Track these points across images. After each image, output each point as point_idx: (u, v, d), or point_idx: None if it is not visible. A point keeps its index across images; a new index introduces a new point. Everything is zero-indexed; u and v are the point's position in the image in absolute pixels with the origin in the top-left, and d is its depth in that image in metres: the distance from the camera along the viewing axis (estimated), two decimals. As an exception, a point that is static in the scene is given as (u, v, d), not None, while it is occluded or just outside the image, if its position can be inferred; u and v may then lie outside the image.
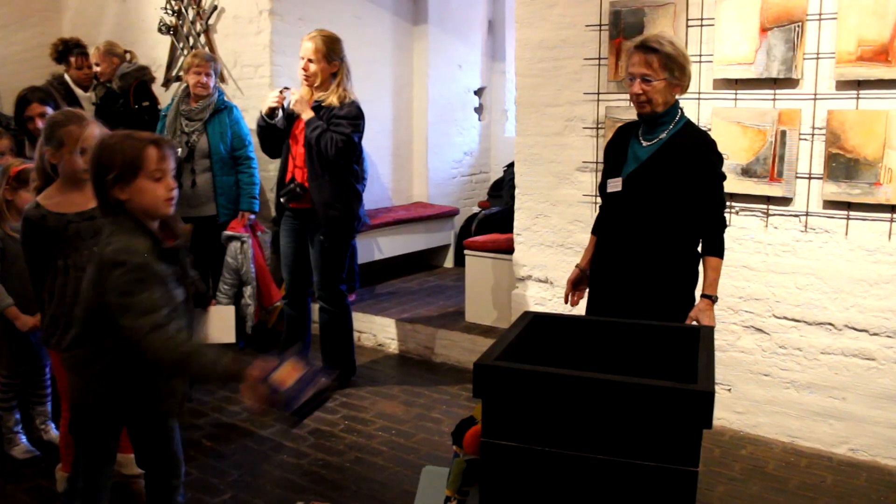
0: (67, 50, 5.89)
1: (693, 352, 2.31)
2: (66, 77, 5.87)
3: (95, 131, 2.88)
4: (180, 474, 2.63)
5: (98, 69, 5.57)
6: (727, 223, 3.00)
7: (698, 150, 2.92)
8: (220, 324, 3.63)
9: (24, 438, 3.73)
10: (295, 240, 4.43)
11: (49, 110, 4.33)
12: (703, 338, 2.35)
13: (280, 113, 4.29)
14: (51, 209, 2.83)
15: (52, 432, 3.79)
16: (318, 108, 4.23)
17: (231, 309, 3.69)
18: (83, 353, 2.35)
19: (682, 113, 3.01)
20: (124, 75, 5.53)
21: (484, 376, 2.02)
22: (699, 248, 2.99)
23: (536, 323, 2.46)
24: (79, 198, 2.87)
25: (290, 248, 4.46)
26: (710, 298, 2.91)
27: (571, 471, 2.01)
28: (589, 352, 2.45)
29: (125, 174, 2.25)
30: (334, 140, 4.09)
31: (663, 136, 2.96)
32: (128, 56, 5.71)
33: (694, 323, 2.84)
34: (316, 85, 4.25)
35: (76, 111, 3.01)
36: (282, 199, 4.35)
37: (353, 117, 4.21)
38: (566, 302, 3.32)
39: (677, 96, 2.97)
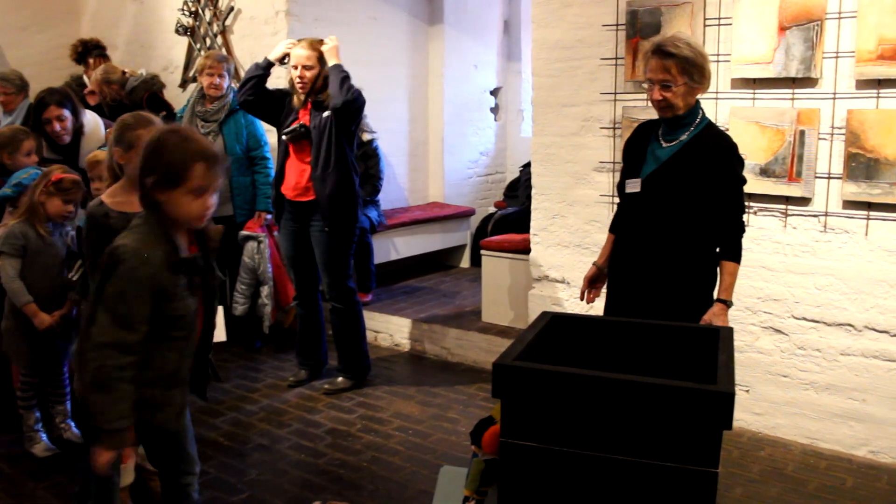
0: (87, 51, 5.94)
1: (712, 352, 2.30)
2: (85, 78, 5.91)
3: None
4: (194, 472, 2.62)
5: (97, 97, 5.55)
6: (745, 227, 2.97)
7: (720, 153, 2.89)
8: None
9: (44, 437, 3.76)
10: (295, 242, 4.44)
11: (66, 113, 4.35)
12: (722, 338, 2.34)
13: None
14: (114, 208, 2.89)
15: (73, 430, 3.81)
16: (319, 103, 4.24)
17: (219, 309, 3.71)
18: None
19: (704, 114, 2.98)
20: (133, 90, 5.52)
21: (503, 376, 2.02)
22: (717, 251, 2.97)
23: (555, 323, 2.45)
24: None
25: (292, 251, 4.47)
26: (725, 303, 2.88)
27: (590, 471, 2.01)
28: (607, 352, 2.44)
29: (166, 182, 2.21)
30: (355, 90, 4.14)
31: (684, 137, 2.93)
32: (126, 74, 5.66)
33: None
34: (310, 90, 4.25)
35: (147, 115, 3.02)
36: (284, 137, 4.31)
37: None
38: (582, 299, 3.31)
39: (699, 96, 2.94)
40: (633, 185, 2.98)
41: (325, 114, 4.18)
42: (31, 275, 3.59)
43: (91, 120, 4.54)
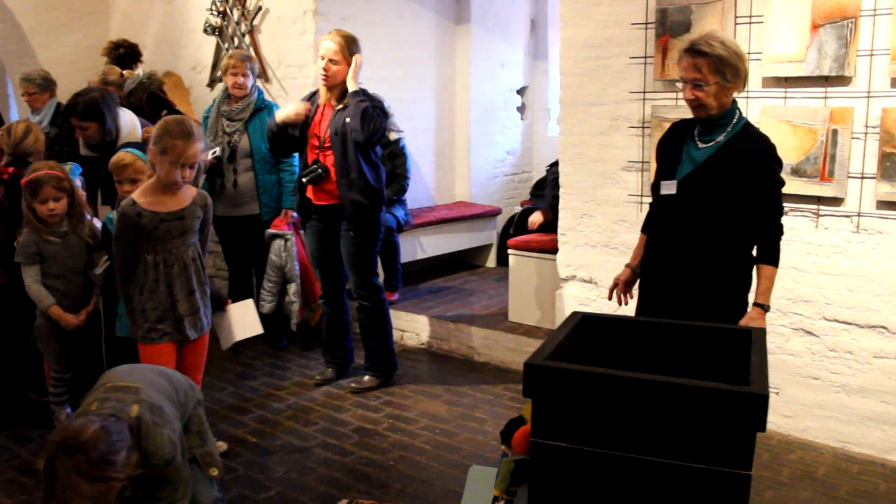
0: (126, 57, 5.98)
1: (744, 354, 2.28)
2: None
3: (200, 148, 2.97)
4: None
5: None
6: (783, 230, 2.92)
7: (758, 155, 2.84)
8: (243, 319, 3.69)
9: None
10: (321, 242, 4.45)
11: (88, 125, 4.35)
12: (754, 339, 2.32)
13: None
14: (146, 207, 2.93)
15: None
16: (342, 104, 4.24)
17: (249, 302, 3.73)
18: None
19: (741, 114, 2.94)
20: (130, 93, 5.54)
21: (534, 376, 2.01)
22: (754, 254, 2.93)
23: (585, 323, 2.44)
24: (171, 199, 3.02)
25: (319, 251, 4.48)
26: (763, 307, 2.84)
27: (621, 472, 1.99)
28: (638, 353, 2.42)
29: None
30: (377, 116, 4.13)
31: (721, 138, 2.89)
32: (124, 76, 5.68)
33: None
34: (334, 85, 4.25)
35: (189, 125, 3.04)
36: (304, 180, 4.32)
37: (382, 108, 4.25)
38: (610, 299, 3.28)
39: (735, 95, 2.90)
40: (669, 187, 2.94)
41: (349, 119, 4.17)
42: (53, 277, 3.64)
43: (129, 121, 4.57)
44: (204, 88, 6.47)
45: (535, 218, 5.18)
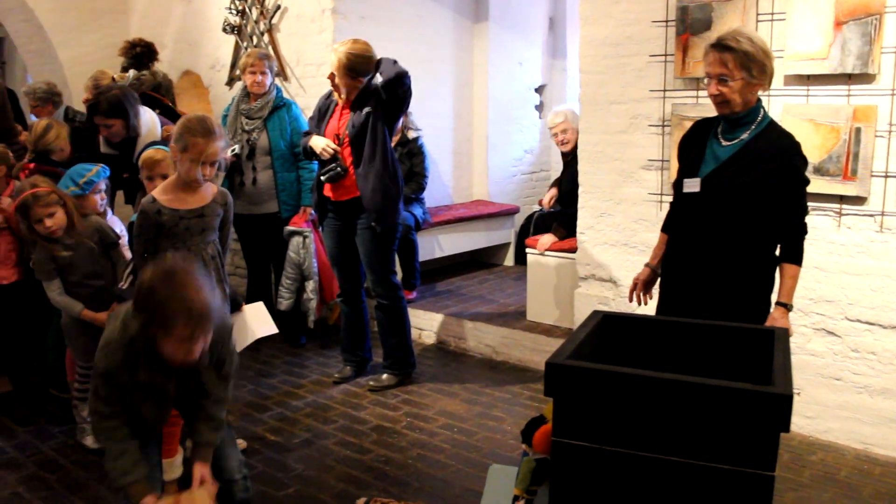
0: (143, 56, 6.01)
1: (766, 354, 2.27)
2: (130, 75, 6.00)
3: (220, 146, 2.98)
4: (235, 478, 2.68)
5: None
6: (807, 230, 2.90)
7: (783, 153, 2.81)
8: (258, 320, 3.70)
9: None
10: (339, 239, 4.45)
11: (112, 122, 4.37)
12: (777, 339, 2.30)
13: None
14: (166, 205, 2.94)
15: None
16: (358, 103, 4.24)
17: (261, 304, 3.74)
18: None
19: (765, 112, 2.91)
20: None
21: (556, 375, 2.00)
22: (777, 253, 2.91)
23: (606, 322, 2.43)
24: (191, 196, 3.03)
25: (336, 249, 4.48)
26: (786, 307, 2.82)
27: (643, 472, 1.98)
28: (659, 352, 2.41)
29: (153, 325, 2.27)
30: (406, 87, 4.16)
31: (745, 136, 2.86)
32: (115, 79, 5.69)
33: None
34: (343, 96, 4.26)
35: (209, 124, 3.04)
36: (322, 178, 4.33)
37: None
38: (630, 301, 3.26)
39: (760, 94, 2.87)
40: (692, 185, 2.91)
41: (366, 110, 4.17)
42: (74, 285, 3.66)
43: (149, 119, 4.59)
44: (223, 87, 6.50)
45: (546, 241, 5.11)
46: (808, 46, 3.65)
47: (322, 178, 4.32)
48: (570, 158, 5.25)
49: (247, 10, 6.22)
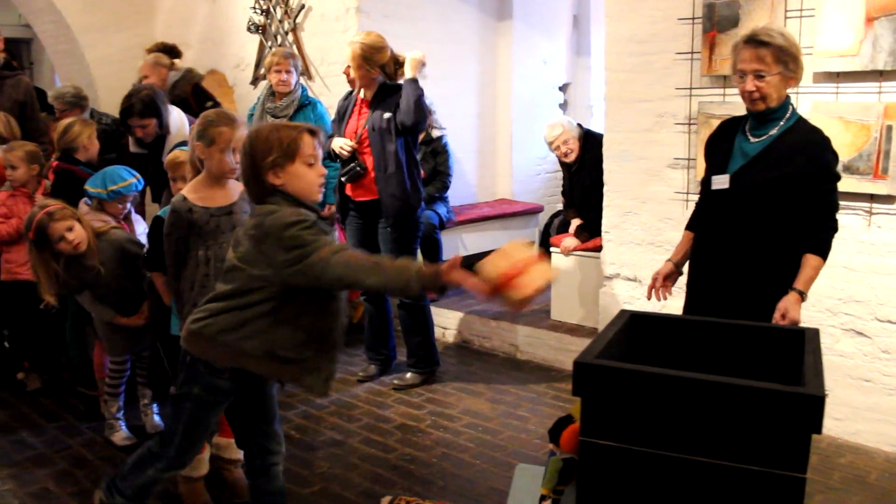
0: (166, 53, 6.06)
1: (795, 354, 2.24)
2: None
3: (245, 132, 3.00)
4: (280, 451, 2.72)
5: (149, 80, 5.62)
6: (838, 226, 2.86)
7: (813, 148, 2.79)
8: None
9: (124, 425, 3.86)
10: (361, 237, 4.47)
11: (147, 122, 4.40)
12: (808, 340, 2.27)
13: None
14: (197, 203, 2.96)
15: (153, 417, 3.91)
16: (379, 103, 4.26)
17: None
18: (230, 319, 2.40)
19: (794, 108, 2.89)
20: (175, 84, 5.60)
21: (584, 374, 1.98)
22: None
23: (634, 322, 2.41)
24: (220, 193, 3.03)
25: (358, 247, 4.48)
26: (801, 294, 2.77)
27: (672, 473, 1.96)
28: (687, 352, 2.39)
29: (282, 159, 2.34)
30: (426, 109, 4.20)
31: (774, 132, 2.84)
32: (173, 65, 5.76)
33: (781, 316, 2.72)
34: (367, 86, 4.27)
35: (229, 113, 3.08)
36: (342, 179, 4.36)
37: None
38: (649, 298, 3.21)
39: (790, 90, 2.86)
40: (721, 182, 2.89)
41: (387, 115, 4.19)
42: (105, 293, 3.70)
43: (177, 118, 4.62)
44: (247, 86, 6.53)
45: (570, 243, 5.09)
46: (838, 43, 3.61)
47: (342, 178, 4.34)
48: (575, 168, 5.21)
49: (271, 9, 6.25)
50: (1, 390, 4.52)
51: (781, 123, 2.84)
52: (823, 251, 2.81)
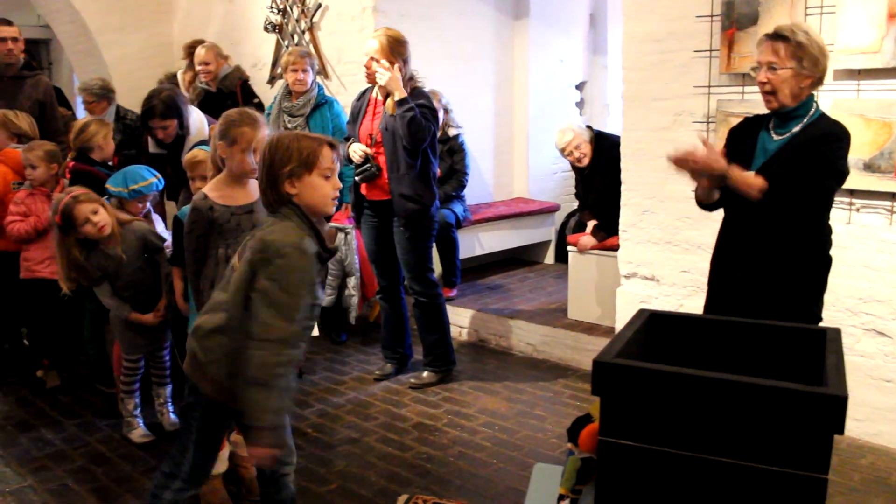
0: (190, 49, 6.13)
1: (816, 354, 2.22)
2: (179, 76, 6.09)
3: (266, 133, 3.01)
4: (291, 461, 2.67)
5: (209, 67, 5.70)
6: (818, 194, 2.77)
7: (821, 139, 2.76)
8: None
9: (142, 423, 3.88)
10: (376, 236, 4.47)
11: (168, 123, 4.42)
12: (829, 340, 2.25)
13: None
14: (218, 201, 2.97)
15: (170, 416, 3.93)
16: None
17: None
18: (225, 341, 2.35)
19: (818, 107, 2.86)
20: (227, 76, 5.68)
21: (603, 374, 1.97)
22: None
23: (653, 321, 2.39)
24: (241, 192, 3.05)
25: (374, 245, 4.50)
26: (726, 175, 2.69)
27: (692, 473, 1.95)
28: (706, 351, 2.37)
29: (299, 169, 2.31)
30: (424, 122, 4.12)
31: (796, 129, 2.82)
32: (227, 59, 5.84)
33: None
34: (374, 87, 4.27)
35: (251, 113, 3.09)
36: (357, 178, 4.36)
37: (431, 107, 4.22)
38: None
39: (812, 91, 2.82)
40: None
41: (397, 121, 4.19)
42: (123, 290, 3.72)
43: (196, 118, 4.64)
44: (264, 85, 6.55)
45: (587, 242, 5.08)
46: (859, 40, 3.57)
47: (357, 178, 4.36)
48: (588, 171, 5.19)
49: (288, 8, 6.27)
50: (20, 388, 4.55)
51: (804, 120, 2.82)
52: (773, 181, 2.70)
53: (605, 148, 5.01)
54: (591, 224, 5.18)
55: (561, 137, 5.19)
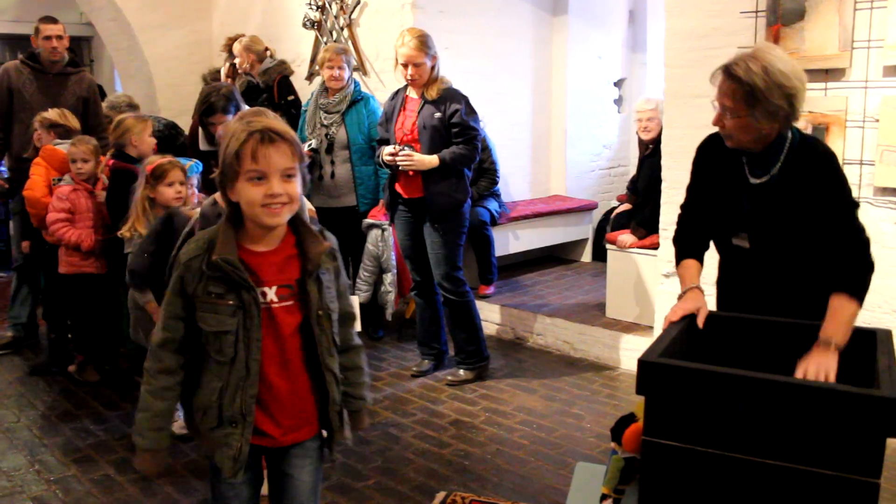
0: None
1: (864, 356, 2.18)
2: (223, 71, 6.16)
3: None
4: None
5: (237, 61, 5.76)
6: (873, 265, 2.35)
7: (817, 178, 2.35)
8: None
9: (181, 415, 3.89)
10: (410, 232, 4.47)
11: (229, 118, 4.45)
12: (880, 341, 2.21)
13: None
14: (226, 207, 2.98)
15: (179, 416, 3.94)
16: (429, 102, 4.26)
17: (355, 299, 3.76)
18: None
19: (793, 136, 2.41)
20: (267, 70, 5.72)
21: (648, 373, 1.95)
22: (871, 253, 2.44)
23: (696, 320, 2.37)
24: None
25: (408, 241, 4.51)
26: (829, 344, 2.17)
27: (738, 475, 1.92)
28: (750, 351, 2.34)
29: (227, 175, 1.91)
30: (467, 156, 4.26)
31: (774, 171, 2.40)
32: (268, 53, 5.86)
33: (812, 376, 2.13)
34: (423, 84, 4.26)
35: (268, 115, 3.09)
36: (400, 169, 4.34)
37: (467, 125, 4.24)
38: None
39: (784, 129, 2.37)
40: (742, 242, 2.55)
41: (437, 114, 4.19)
42: (153, 275, 3.75)
43: None
44: (302, 81, 6.58)
45: (626, 239, 5.05)
46: (909, 36, 3.50)
47: (399, 169, 4.32)
48: (649, 151, 5.16)
49: (326, 5, 6.29)
50: (65, 380, 4.62)
51: (782, 157, 2.39)
52: (859, 291, 2.27)
53: None
54: (621, 207, 5.17)
55: (643, 104, 5.27)
